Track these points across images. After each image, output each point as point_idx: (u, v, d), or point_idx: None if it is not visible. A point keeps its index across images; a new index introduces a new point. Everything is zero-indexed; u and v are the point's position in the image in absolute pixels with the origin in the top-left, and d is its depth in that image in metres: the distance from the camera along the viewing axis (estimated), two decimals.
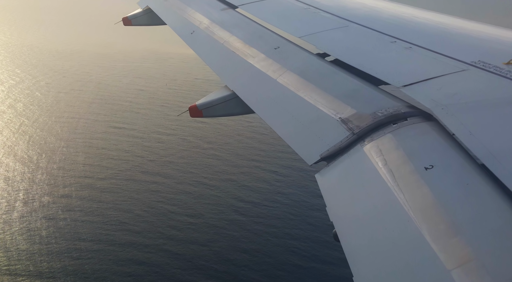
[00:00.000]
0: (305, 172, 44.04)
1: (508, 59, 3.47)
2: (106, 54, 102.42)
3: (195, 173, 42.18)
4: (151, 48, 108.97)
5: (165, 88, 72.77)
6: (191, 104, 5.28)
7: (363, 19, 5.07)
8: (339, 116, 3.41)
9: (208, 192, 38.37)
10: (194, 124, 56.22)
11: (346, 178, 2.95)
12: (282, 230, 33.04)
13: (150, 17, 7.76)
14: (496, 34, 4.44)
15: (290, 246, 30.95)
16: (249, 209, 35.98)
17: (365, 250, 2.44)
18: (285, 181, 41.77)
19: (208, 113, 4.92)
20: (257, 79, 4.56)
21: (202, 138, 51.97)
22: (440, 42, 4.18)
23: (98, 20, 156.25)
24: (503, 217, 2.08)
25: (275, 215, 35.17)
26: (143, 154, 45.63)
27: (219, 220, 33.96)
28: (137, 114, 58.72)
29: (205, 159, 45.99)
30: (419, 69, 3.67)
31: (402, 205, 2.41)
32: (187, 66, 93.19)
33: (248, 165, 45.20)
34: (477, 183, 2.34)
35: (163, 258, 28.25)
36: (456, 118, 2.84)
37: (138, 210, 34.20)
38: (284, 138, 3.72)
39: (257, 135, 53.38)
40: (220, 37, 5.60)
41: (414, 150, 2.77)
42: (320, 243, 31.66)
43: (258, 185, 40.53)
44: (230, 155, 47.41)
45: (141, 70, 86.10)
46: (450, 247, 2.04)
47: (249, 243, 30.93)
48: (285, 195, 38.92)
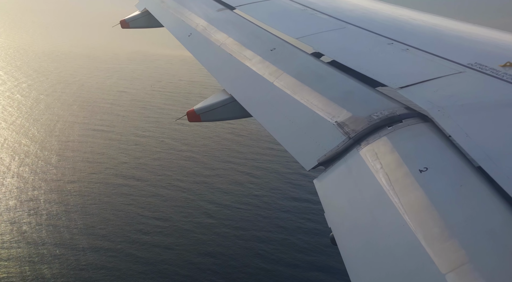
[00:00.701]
0: (280, 174, 43.97)
1: (504, 61, 3.47)
2: (94, 55, 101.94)
3: (168, 175, 41.99)
4: (140, 50, 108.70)
5: (148, 90, 72.52)
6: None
7: (360, 21, 5.08)
8: (335, 119, 3.41)
9: (179, 195, 38.19)
10: (173, 126, 55.99)
11: (343, 183, 2.96)
12: (250, 233, 32.93)
13: (148, 19, 7.74)
14: (492, 36, 4.47)
15: (257, 249, 30.84)
16: (219, 211, 35.85)
17: (362, 256, 2.43)
18: (259, 183, 41.66)
19: (206, 117, 4.94)
20: (254, 82, 4.55)
21: (180, 140, 51.77)
22: (437, 44, 4.20)
23: (91, 22, 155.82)
24: (498, 219, 2.08)
25: (245, 218, 35.05)
26: (118, 156, 45.38)
27: (188, 223, 33.80)
28: (117, 116, 58.44)
29: (180, 161, 45.80)
30: (416, 71, 3.68)
31: (397, 209, 2.42)
32: (174, 68, 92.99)
33: (223, 167, 45.07)
34: (472, 185, 2.34)
35: (125, 262, 28.06)
36: (452, 120, 2.85)
37: (106, 213, 33.96)
38: (282, 142, 3.66)
39: (236, 137, 53.28)
40: (217, 39, 5.60)
41: (408, 153, 2.77)
42: (288, 246, 31.59)
43: (231, 187, 40.40)
44: (207, 157, 47.25)
45: (126, 72, 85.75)
46: (444, 251, 2.04)
47: (216, 246, 30.79)
48: (257, 197, 38.81)
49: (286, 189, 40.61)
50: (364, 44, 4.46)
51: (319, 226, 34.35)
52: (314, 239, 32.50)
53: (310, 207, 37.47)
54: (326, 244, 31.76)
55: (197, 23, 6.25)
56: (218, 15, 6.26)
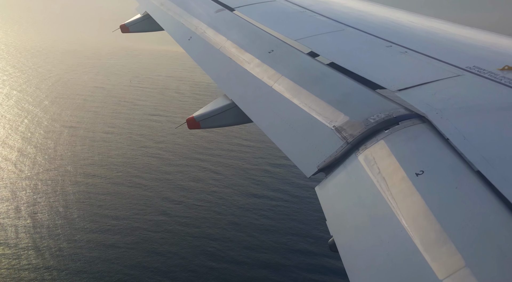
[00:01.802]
0: (245, 171, 43.72)
1: (502, 65, 3.48)
2: (76, 51, 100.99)
3: (131, 173, 41.64)
4: (123, 45, 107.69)
5: (125, 85, 71.87)
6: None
7: (359, 23, 5.08)
8: (333, 124, 3.40)
9: (139, 192, 37.89)
10: (143, 122, 55.51)
11: (342, 190, 2.96)
12: (204, 230, 32.70)
13: (148, 23, 7.69)
14: (491, 40, 4.48)
15: (206, 246, 30.64)
16: (176, 209, 35.57)
17: (362, 264, 2.43)
18: (222, 180, 41.40)
19: (205, 124, 4.91)
20: (253, 87, 4.50)
21: (151, 136, 51.35)
22: (436, 47, 4.19)
23: (82, 18, 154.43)
24: (495, 222, 2.08)
25: (201, 215, 34.82)
26: (81, 153, 44.97)
27: (143, 221, 33.52)
28: (88, 112, 57.86)
29: (147, 158, 45.42)
30: (414, 74, 3.69)
31: (395, 215, 2.42)
32: (154, 63, 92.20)
33: (188, 163, 44.73)
34: (468, 188, 2.33)
35: (70, 262, 27.78)
36: (450, 122, 2.85)
37: (57, 212, 33.62)
38: (282, 148, 3.64)
39: (207, 134, 52.89)
40: (217, 43, 5.54)
41: (405, 156, 2.77)
42: (239, 243, 31.38)
43: (191, 184, 40.11)
44: (172, 153, 46.88)
45: (106, 67, 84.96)
46: (441, 256, 2.03)
47: (166, 245, 30.56)
48: (216, 193, 38.56)
49: (247, 186, 40.36)
50: (362, 46, 4.45)
51: (274, 222, 34.16)
52: (267, 236, 32.30)
53: (267, 203, 37.27)
54: (277, 241, 31.58)
55: (197, 25, 6.20)
56: (218, 17, 6.21)
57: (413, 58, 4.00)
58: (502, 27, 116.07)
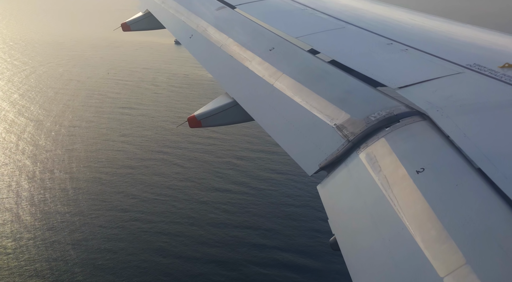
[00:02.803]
0: (210, 164, 43.15)
1: (503, 62, 3.49)
2: (57, 43, 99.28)
3: (92, 167, 41.00)
4: (109, 36, 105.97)
5: (98, 78, 70.63)
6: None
7: (359, 21, 5.09)
8: (334, 122, 3.40)
9: (97, 187, 37.32)
10: (114, 116, 54.57)
11: (344, 188, 2.94)
12: (158, 225, 32.28)
13: (149, 21, 7.62)
14: (491, 38, 4.51)
15: (159, 242, 30.22)
16: (133, 204, 35.08)
17: (364, 262, 2.42)
18: (185, 173, 40.86)
19: (207, 123, 4.88)
20: (254, 85, 4.49)
21: (119, 130, 50.58)
22: (436, 44, 4.22)
23: (75, 10, 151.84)
24: (495, 219, 2.07)
25: (158, 210, 34.36)
26: (44, 147, 44.21)
27: (96, 217, 33.00)
28: (58, 105, 56.91)
29: (111, 152, 44.75)
30: (415, 71, 3.70)
31: (396, 213, 2.41)
32: (134, 54, 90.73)
33: (155, 157, 44.08)
34: (469, 185, 2.33)
35: (15, 260, 27.30)
36: (451, 120, 2.86)
37: (10, 211, 33.03)
38: (284, 147, 3.63)
39: (175, 127, 52.13)
40: (218, 41, 5.53)
41: (405, 154, 2.77)
42: (192, 237, 30.99)
43: (155, 178, 39.56)
44: (140, 147, 46.20)
45: (84, 59, 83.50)
46: (442, 253, 2.04)
47: (115, 241, 30.08)
48: (178, 187, 38.05)
49: (209, 179, 39.86)
50: (363, 44, 4.46)
51: (230, 216, 33.74)
52: (221, 230, 31.89)
53: (227, 196, 36.75)
54: (231, 234, 31.18)
55: (198, 23, 6.18)
56: (219, 15, 6.19)
57: (413, 55, 3.99)
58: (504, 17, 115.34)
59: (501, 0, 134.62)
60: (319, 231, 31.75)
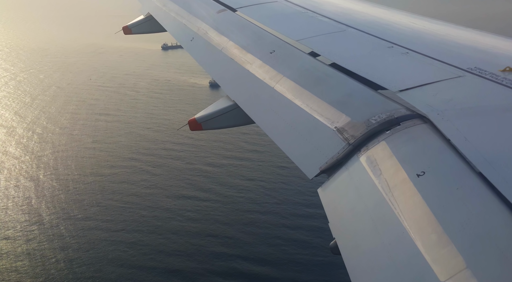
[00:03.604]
0: (180, 171, 42.55)
1: (504, 66, 3.51)
2: (42, 49, 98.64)
3: (61, 174, 40.42)
4: (95, 43, 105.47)
5: (78, 84, 70.01)
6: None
7: (360, 24, 5.12)
8: (334, 125, 3.39)
9: (64, 196, 36.74)
10: (90, 122, 53.83)
11: (345, 191, 2.93)
12: (119, 234, 31.72)
13: (150, 24, 7.63)
14: (492, 41, 4.53)
15: (119, 251, 29.62)
16: (98, 212, 34.52)
17: (365, 266, 2.38)
18: (153, 181, 40.29)
19: (207, 125, 4.88)
20: (255, 88, 4.49)
21: (92, 136, 49.92)
22: (437, 48, 4.24)
23: (66, 15, 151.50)
24: (495, 223, 2.08)
25: (122, 218, 33.82)
26: (13, 154, 43.58)
27: (56, 226, 32.44)
28: (34, 111, 56.34)
29: (81, 158, 44.14)
30: (415, 75, 3.72)
31: (397, 217, 2.39)
32: (119, 60, 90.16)
33: (126, 164, 43.51)
34: (469, 188, 2.32)
35: None
36: (451, 123, 2.87)
37: None
38: (284, 150, 3.62)
39: (150, 133, 51.58)
40: (219, 43, 5.55)
41: (406, 157, 2.77)
42: (154, 247, 30.40)
43: (124, 186, 39.04)
44: (113, 155, 45.59)
45: (67, 65, 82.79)
46: (442, 257, 2.04)
47: (74, 251, 29.51)
48: (147, 195, 37.48)
49: (179, 186, 39.31)
50: (364, 47, 4.49)
51: (195, 224, 33.13)
52: (185, 238, 31.30)
53: (195, 204, 36.04)
54: (194, 243, 30.57)
55: (199, 26, 6.22)
56: (220, 18, 6.22)
57: (414, 59, 4.01)
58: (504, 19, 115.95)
59: (502, 4, 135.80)
60: (281, 238, 31.27)
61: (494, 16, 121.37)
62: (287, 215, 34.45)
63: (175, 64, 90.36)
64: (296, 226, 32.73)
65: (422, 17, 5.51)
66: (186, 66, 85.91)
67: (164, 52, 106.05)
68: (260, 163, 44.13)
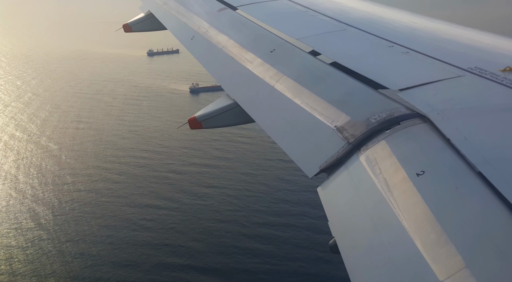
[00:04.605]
0: (145, 178, 41.42)
1: (504, 66, 3.50)
2: (25, 55, 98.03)
3: (21, 183, 39.50)
4: (80, 49, 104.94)
5: (54, 91, 69.17)
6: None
7: (361, 23, 5.13)
8: (334, 124, 3.37)
9: (22, 206, 35.76)
10: (60, 130, 52.57)
11: (345, 191, 2.91)
12: (73, 245, 30.70)
13: (151, 22, 7.65)
14: (492, 41, 4.54)
15: (69, 263, 28.62)
16: (53, 222, 33.56)
17: (364, 264, 2.39)
18: (117, 189, 39.34)
19: (207, 124, 4.87)
20: (255, 87, 4.48)
21: (60, 143, 49.04)
22: (437, 47, 4.25)
23: (54, 22, 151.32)
24: (495, 223, 2.08)
25: (78, 229, 32.87)
26: None
27: (7, 237, 31.45)
28: (3, 117, 55.47)
29: (45, 167, 43.23)
30: (415, 74, 3.70)
31: (396, 216, 2.40)
32: (101, 66, 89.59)
33: (93, 173, 42.60)
34: (469, 188, 2.32)
35: None
36: (451, 123, 2.86)
37: None
38: (284, 149, 3.58)
39: (118, 140, 50.78)
40: (219, 42, 5.55)
41: (406, 156, 2.76)
42: (106, 257, 29.42)
43: (84, 194, 38.11)
44: (81, 162, 44.53)
45: (46, 72, 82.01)
46: (441, 257, 2.04)
47: (19, 263, 28.49)
48: (106, 204, 36.56)
49: (140, 194, 38.38)
50: (364, 46, 4.51)
51: (150, 233, 32.15)
52: (136, 249, 30.30)
53: (155, 212, 34.80)
54: (146, 253, 29.57)
55: (200, 25, 6.21)
56: (220, 16, 6.21)
57: (414, 58, 4.02)
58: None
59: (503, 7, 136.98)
60: (238, 247, 30.40)
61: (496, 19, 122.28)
62: (247, 223, 33.58)
63: (157, 70, 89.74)
64: (254, 235, 31.89)
65: (423, 16, 5.50)
66: (168, 72, 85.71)
67: (150, 58, 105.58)
68: (227, 170, 43.29)
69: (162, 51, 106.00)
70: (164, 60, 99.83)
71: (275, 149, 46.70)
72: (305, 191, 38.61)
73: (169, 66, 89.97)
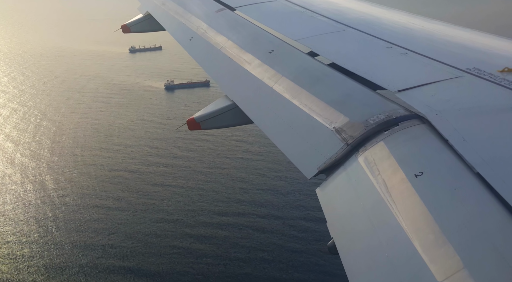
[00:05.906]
0: (98, 178, 40.54)
1: (502, 67, 3.53)
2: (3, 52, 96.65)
3: None
4: (64, 46, 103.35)
5: (24, 87, 67.87)
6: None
7: (359, 24, 5.13)
8: (333, 125, 3.38)
9: None
10: (21, 127, 51.53)
11: (343, 192, 2.91)
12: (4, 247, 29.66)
13: (149, 23, 7.67)
14: (491, 42, 4.55)
15: None
16: None
17: (362, 265, 2.38)
18: (67, 189, 38.34)
19: (206, 125, 4.84)
20: (254, 88, 4.46)
21: (15, 142, 48.00)
22: (436, 48, 4.25)
23: (48, 19, 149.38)
24: (493, 223, 2.09)
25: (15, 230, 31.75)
26: None
27: None
28: None
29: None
30: (414, 75, 3.73)
31: (395, 217, 2.40)
32: (79, 63, 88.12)
33: (42, 172, 41.48)
34: (467, 189, 2.32)
35: None
36: (449, 124, 2.86)
37: None
38: (283, 150, 3.61)
39: (80, 138, 49.69)
40: (217, 43, 5.52)
41: (404, 157, 2.76)
42: (45, 262, 28.43)
43: (31, 196, 37.03)
44: (32, 160, 43.60)
45: (21, 69, 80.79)
46: (439, 258, 2.05)
47: None
48: (53, 205, 35.50)
49: (91, 195, 37.39)
50: (363, 47, 4.52)
51: (98, 236, 31.23)
52: (81, 252, 29.39)
53: (103, 213, 34.19)
54: (87, 254, 28.70)
55: (198, 25, 6.23)
56: (219, 17, 6.23)
57: (413, 59, 4.03)
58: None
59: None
60: (180, 247, 29.57)
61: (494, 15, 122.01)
62: (195, 224, 32.67)
63: (134, 66, 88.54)
64: (199, 235, 31.01)
65: (421, 17, 5.55)
66: (144, 69, 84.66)
67: (131, 54, 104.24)
68: (184, 169, 42.27)
69: (144, 48, 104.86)
70: (145, 57, 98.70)
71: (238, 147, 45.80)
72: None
73: (148, 63, 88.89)
